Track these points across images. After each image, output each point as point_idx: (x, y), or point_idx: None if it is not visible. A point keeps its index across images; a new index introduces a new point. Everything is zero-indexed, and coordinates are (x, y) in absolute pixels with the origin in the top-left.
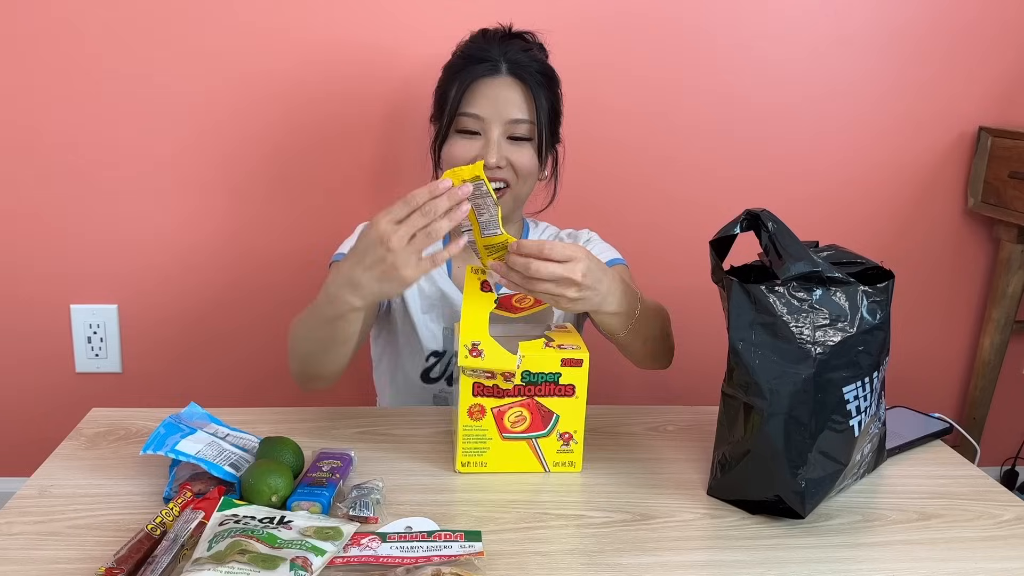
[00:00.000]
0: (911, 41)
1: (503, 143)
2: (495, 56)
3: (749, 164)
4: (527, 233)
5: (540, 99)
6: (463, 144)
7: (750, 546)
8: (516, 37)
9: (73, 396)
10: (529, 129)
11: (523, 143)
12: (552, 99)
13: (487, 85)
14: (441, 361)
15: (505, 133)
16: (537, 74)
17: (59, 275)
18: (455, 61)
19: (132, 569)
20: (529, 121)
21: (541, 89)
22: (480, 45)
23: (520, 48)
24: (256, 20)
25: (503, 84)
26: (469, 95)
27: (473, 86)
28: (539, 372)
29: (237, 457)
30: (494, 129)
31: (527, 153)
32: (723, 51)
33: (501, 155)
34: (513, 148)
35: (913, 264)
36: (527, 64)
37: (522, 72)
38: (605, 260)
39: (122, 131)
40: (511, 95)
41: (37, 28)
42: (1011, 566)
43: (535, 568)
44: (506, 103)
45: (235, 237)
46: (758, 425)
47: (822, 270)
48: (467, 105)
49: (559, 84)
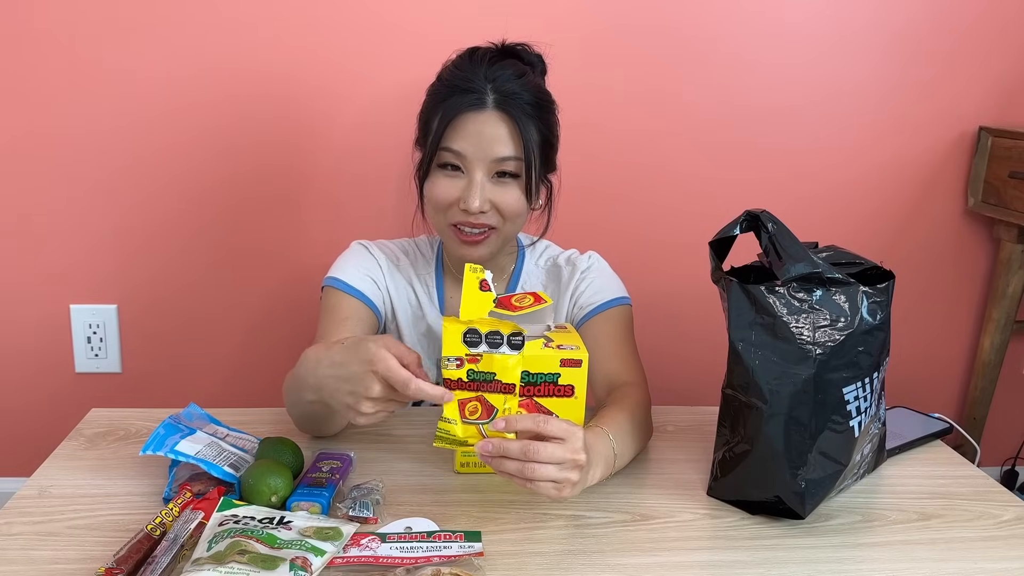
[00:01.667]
0: (911, 42)
1: (487, 184)
2: (480, 87)
3: (749, 164)
4: (521, 260)
5: (530, 132)
6: (445, 184)
7: (750, 546)
8: (509, 56)
9: (73, 396)
10: (516, 166)
11: (509, 182)
12: (545, 129)
13: (471, 120)
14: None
15: (490, 172)
16: (527, 105)
17: (59, 275)
18: (439, 88)
19: (132, 569)
20: (516, 158)
21: (531, 121)
22: (465, 72)
23: (512, 73)
24: (257, 20)
25: (488, 120)
26: (451, 130)
27: (456, 121)
28: (538, 372)
29: (237, 457)
30: (477, 170)
31: (513, 194)
32: (723, 51)
33: (484, 198)
34: (498, 189)
35: (913, 264)
36: (516, 94)
37: (509, 105)
38: (608, 299)
39: (122, 131)
40: (497, 131)
41: (37, 28)
42: (1011, 566)
43: (535, 568)
44: (491, 140)
45: (235, 238)
46: (758, 425)
47: (822, 271)
48: (449, 140)
49: (554, 109)
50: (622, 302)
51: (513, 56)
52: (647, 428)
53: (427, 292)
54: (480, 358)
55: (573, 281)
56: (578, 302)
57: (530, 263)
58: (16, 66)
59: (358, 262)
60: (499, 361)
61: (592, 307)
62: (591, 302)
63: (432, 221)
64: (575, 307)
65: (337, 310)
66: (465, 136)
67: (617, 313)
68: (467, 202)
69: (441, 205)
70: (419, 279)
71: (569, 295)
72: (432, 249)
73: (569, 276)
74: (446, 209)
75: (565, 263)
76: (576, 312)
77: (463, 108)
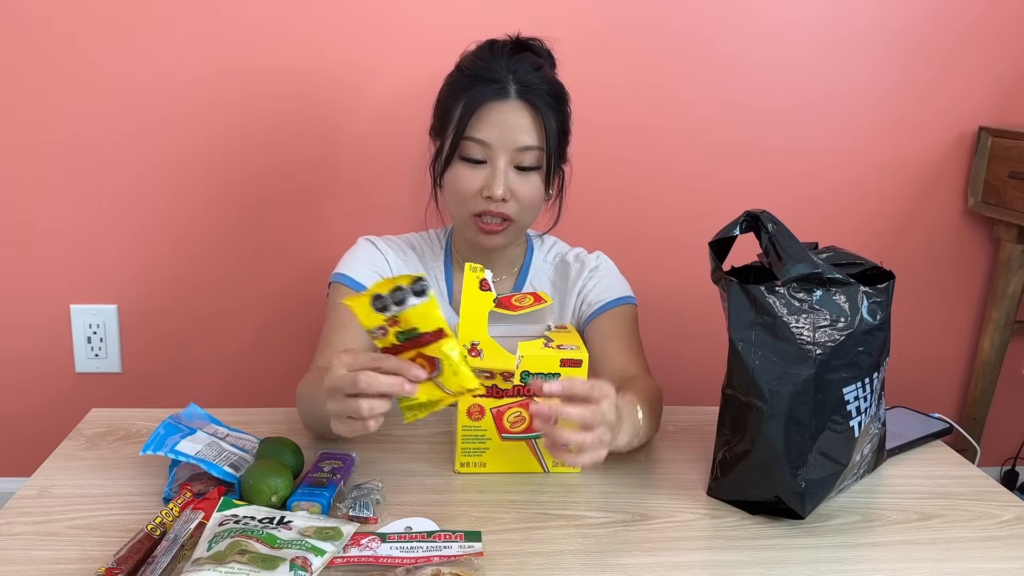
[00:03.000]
0: (911, 41)
1: (509, 173)
2: (503, 77)
3: (749, 164)
4: (531, 253)
5: (549, 122)
6: (468, 174)
7: (750, 546)
8: (525, 49)
9: (73, 396)
10: (537, 156)
11: (530, 172)
12: (561, 120)
13: (495, 110)
14: None
15: (512, 162)
16: (547, 95)
17: (59, 275)
18: (459, 77)
19: (132, 569)
20: (538, 147)
21: (551, 111)
22: (487, 62)
23: (530, 65)
24: (259, 21)
25: (512, 109)
26: (475, 120)
27: (480, 110)
28: (538, 372)
29: (237, 457)
30: (500, 158)
31: (533, 184)
32: (723, 51)
33: (507, 186)
34: (519, 179)
35: (913, 264)
36: (537, 85)
37: (531, 94)
38: (615, 296)
39: (122, 132)
40: (520, 120)
41: (38, 28)
42: (1011, 566)
43: (535, 568)
44: (515, 129)
45: (235, 237)
46: (758, 426)
47: (822, 271)
48: (473, 130)
49: (568, 101)
50: (629, 301)
51: (528, 49)
52: (658, 415)
53: (436, 284)
54: (398, 319)
55: (581, 278)
56: (586, 299)
57: (539, 257)
58: (16, 66)
59: (365, 258)
60: (415, 313)
61: (600, 304)
62: (599, 299)
63: (452, 211)
64: (583, 304)
65: (343, 310)
66: (489, 125)
67: (625, 311)
68: (491, 189)
69: (464, 195)
70: (427, 272)
71: (577, 292)
72: (440, 242)
73: (577, 273)
74: (469, 200)
75: (574, 260)
76: (584, 309)
77: (487, 97)
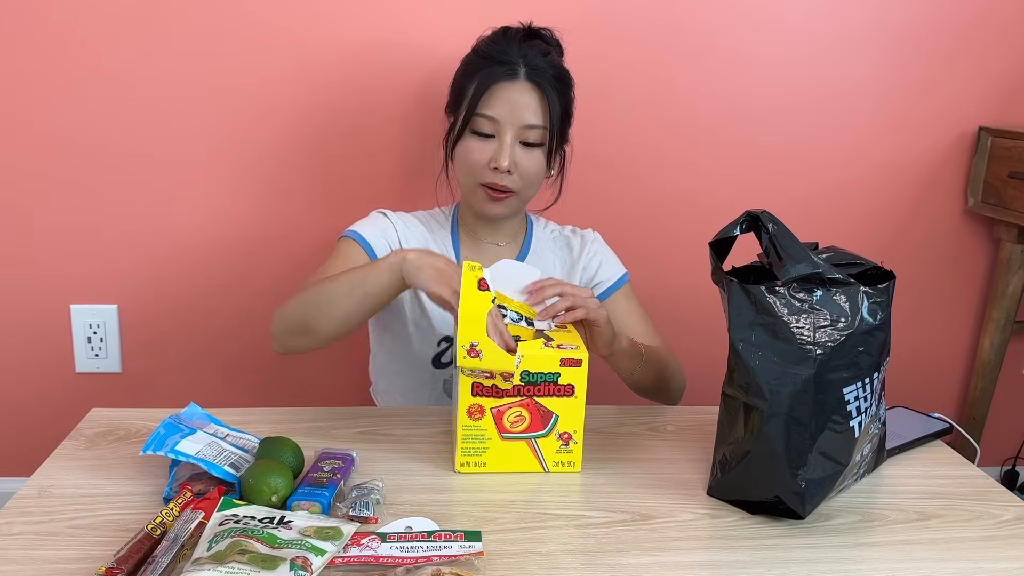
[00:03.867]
0: (911, 41)
1: (515, 147)
2: (514, 59)
3: (749, 164)
4: (530, 229)
5: (554, 104)
6: (477, 146)
7: (750, 546)
8: (536, 37)
9: (73, 396)
10: (541, 135)
11: (534, 149)
12: (565, 102)
13: (505, 89)
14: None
15: (518, 138)
16: (553, 79)
17: (59, 275)
18: (475, 59)
19: (132, 569)
20: (542, 126)
21: (556, 94)
22: (501, 46)
23: (539, 51)
24: (262, 18)
25: (520, 89)
26: (487, 97)
27: (491, 88)
28: (538, 372)
29: (237, 457)
30: (507, 133)
31: (536, 159)
32: (722, 50)
33: (512, 159)
34: (523, 154)
35: (913, 264)
36: (544, 69)
37: (539, 77)
38: (618, 275)
39: (121, 131)
40: (527, 100)
41: (38, 27)
42: (1011, 566)
43: (535, 568)
44: (522, 108)
45: (235, 237)
46: (758, 426)
47: (823, 271)
48: (484, 106)
49: (573, 86)
50: (627, 278)
51: (538, 37)
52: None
53: (445, 252)
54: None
55: (585, 254)
56: (593, 278)
57: (539, 230)
58: (16, 66)
59: (376, 223)
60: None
61: (608, 284)
62: (606, 278)
63: (461, 180)
64: (588, 282)
65: (348, 258)
66: (499, 103)
67: (630, 289)
68: (497, 160)
69: (474, 167)
70: (435, 241)
71: (581, 266)
72: (447, 217)
73: (580, 248)
74: (477, 170)
75: (572, 235)
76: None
77: (499, 77)
